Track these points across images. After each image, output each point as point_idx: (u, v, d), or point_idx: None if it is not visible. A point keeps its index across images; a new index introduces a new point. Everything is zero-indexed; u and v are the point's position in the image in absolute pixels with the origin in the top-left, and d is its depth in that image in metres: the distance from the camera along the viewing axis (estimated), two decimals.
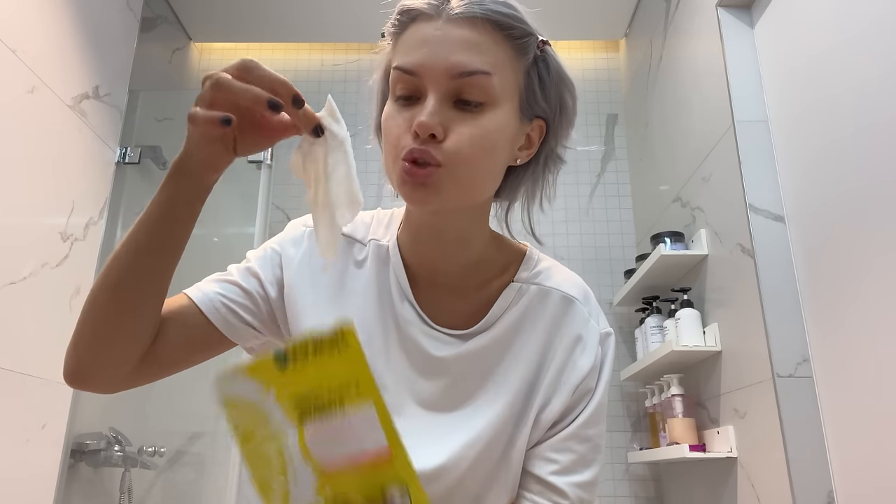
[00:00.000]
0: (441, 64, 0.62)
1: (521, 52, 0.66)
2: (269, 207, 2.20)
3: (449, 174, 0.63)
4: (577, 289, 0.77)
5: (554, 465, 0.70)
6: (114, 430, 1.96)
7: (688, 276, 2.09)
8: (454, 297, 0.74)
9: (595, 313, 0.77)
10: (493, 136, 0.64)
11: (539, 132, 0.71)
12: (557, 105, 0.70)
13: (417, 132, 0.62)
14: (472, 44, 0.63)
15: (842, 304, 1.42)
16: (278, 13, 2.69)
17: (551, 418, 0.71)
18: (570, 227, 2.66)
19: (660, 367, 2.06)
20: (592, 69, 2.90)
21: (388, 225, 0.78)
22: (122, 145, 2.06)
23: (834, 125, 1.45)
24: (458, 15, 0.63)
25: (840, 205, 1.42)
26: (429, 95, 0.63)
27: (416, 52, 0.63)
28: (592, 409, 0.73)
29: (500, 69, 0.64)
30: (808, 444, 1.47)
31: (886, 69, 1.28)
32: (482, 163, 0.64)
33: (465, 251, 0.73)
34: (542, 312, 0.74)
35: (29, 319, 1.60)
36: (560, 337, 0.73)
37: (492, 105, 0.64)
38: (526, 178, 0.74)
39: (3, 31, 1.52)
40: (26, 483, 1.61)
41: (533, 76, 0.67)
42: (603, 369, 0.75)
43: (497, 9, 0.64)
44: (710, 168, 1.92)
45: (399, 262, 0.74)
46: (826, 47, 1.49)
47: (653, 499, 2.32)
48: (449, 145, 0.62)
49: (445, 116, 0.63)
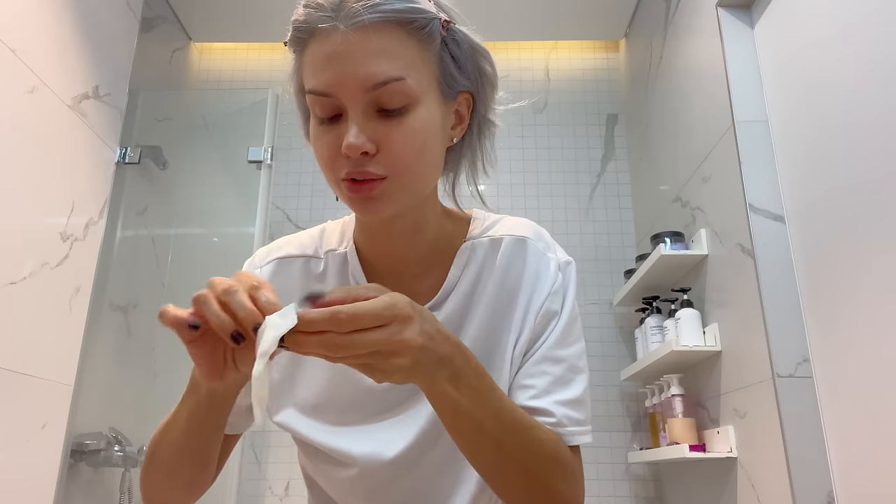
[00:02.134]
0: (353, 80, 0.60)
1: (428, 41, 0.64)
2: (269, 207, 2.20)
3: (393, 183, 0.63)
4: (526, 228, 0.78)
5: (531, 391, 0.70)
6: (114, 430, 1.96)
7: (688, 276, 2.09)
8: (418, 279, 0.75)
9: (550, 246, 0.78)
10: (423, 133, 0.64)
11: (467, 105, 0.71)
12: (477, 76, 0.70)
13: (349, 154, 0.61)
14: (378, 51, 0.61)
15: (842, 304, 1.42)
16: (278, 13, 2.68)
17: (522, 349, 0.72)
18: (570, 227, 2.66)
19: (660, 367, 2.06)
20: (592, 69, 2.90)
21: (343, 232, 0.79)
22: (122, 145, 2.06)
23: (834, 125, 1.45)
24: (357, 24, 0.60)
25: (840, 205, 1.42)
26: (349, 113, 0.61)
27: (325, 73, 0.61)
28: (560, 329, 0.73)
29: (412, 68, 0.62)
30: (808, 444, 1.47)
31: (887, 69, 1.28)
32: (421, 162, 0.65)
33: (421, 235, 0.74)
34: (496, 260, 0.75)
35: (29, 319, 1.60)
36: (521, 276, 0.74)
37: (413, 104, 0.63)
38: (465, 150, 0.75)
39: (3, 31, 1.52)
40: (26, 483, 1.61)
41: (446, 58, 0.66)
42: (567, 293, 0.75)
43: (393, 6, 0.61)
44: (710, 168, 1.92)
45: (357, 265, 0.75)
46: (826, 47, 1.49)
47: (653, 499, 2.32)
48: (384, 157, 0.62)
49: (371, 129, 0.62)
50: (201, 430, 0.66)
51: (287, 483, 2.36)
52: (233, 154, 2.29)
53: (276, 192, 2.64)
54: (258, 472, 2.37)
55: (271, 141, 2.22)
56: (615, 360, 2.48)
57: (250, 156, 2.19)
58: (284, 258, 0.78)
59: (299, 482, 2.35)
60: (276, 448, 2.40)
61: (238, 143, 2.27)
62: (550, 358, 0.72)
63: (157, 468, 0.69)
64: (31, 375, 1.61)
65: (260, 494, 2.35)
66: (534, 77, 2.87)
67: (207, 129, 2.46)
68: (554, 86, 2.85)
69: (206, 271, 2.36)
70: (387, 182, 0.63)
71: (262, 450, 2.40)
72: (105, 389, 2.02)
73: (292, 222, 2.65)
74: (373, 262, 0.76)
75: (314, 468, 0.79)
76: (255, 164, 2.18)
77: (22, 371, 1.58)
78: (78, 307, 1.81)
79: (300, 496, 2.34)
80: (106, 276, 2.05)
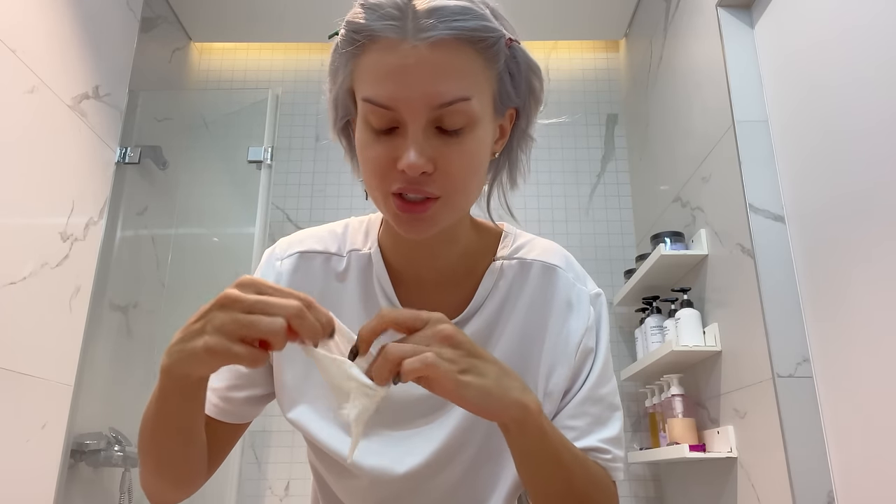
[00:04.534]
0: (419, 97, 0.58)
1: (493, 60, 0.63)
2: (269, 207, 2.20)
3: (446, 204, 0.63)
4: (557, 256, 0.77)
5: (573, 432, 0.70)
6: (114, 430, 1.96)
7: (688, 276, 2.09)
8: (442, 290, 0.74)
9: (581, 277, 0.77)
10: (478, 154, 0.63)
11: (510, 119, 0.70)
12: (528, 93, 0.69)
13: (407, 171, 0.59)
14: (446, 69, 0.58)
15: (842, 304, 1.42)
16: (278, 13, 2.69)
17: (561, 387, 0.72)
18: (570, 227, 2.66)
19: (660, 367, 2.06)
20: (592, 69, 2.90)
21: (367, 232, 0.78)
22: (122, 145, 2.06)
23: (834, 125, 1.45)
24: (429, 38, 0.58)
25: (840, 205, 1.42)
26: (409, 130, 0.59)
27: (389, 84, 0.59)
28: (599, 368, 0.73)
29: (476, 88, 0.61)
30: (808, 444, 1.47)
31: (887, 69, 1.28)
32: (473, 183, 0.65)
33: (450, 247, 0.73)
34: (525, 285, 0.75)
35: (29, 319, 1.60)
36: (549, 306, 0.74)
37: (473, 124, 0.61)
38: (502, 163, 0.74)
39: (3, 31, 1.52)
40: (26, 483, 1.60)
41: (505, 77, 0.65)
42: (600, 328, 0.75)
43: (465, 24, 0.59)
44: (710, 168, 1.92)
45: (382, 269, 0.74)
46: (826, 47, 1.49)
47: (653, 499, 2.32)
48: (440, 177, 0.61)
49: (431, 149, 0.60)
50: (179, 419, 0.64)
51: (287, 483, 2.36)
52: (233, 154, 2.29)
53: (276, 192, 2.64)
54: (258, 472, 2.37)
55: (271, 141, 2.22)
56: (615, 360, 2.44)
57: (250, 156, 2.19)
58: (306, 252, 0.76)
59: (299, 482, 2.36)
60: (276, 448, 2.40)
61: (238, 143, 2.26)
62: (591, 398, 0.72)
63: (144, 461, 0.68)
64: (31, 375, 1.61)
65: (260, 494, 2.35)
66: None
67: (207, 129, 2.46)
68: (554, 86, 2.85)
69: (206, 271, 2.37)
70: (439, 202, 0.62)
71: (262, 450, 2.40)
72: (105, 389, 2.02)
73: (292, 222, 2.65)
74: (397, 268, 0.74)
75: (324, 470, 0.78)
76: (255, 164, 2.18)
77: (22, 371, 1.58)
78: (78, 307, 1.81)
79: (300, 496, 2.34)
80: (106, 276, 2.05)
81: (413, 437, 0.72)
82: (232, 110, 2.43)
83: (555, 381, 0.71)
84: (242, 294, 0.52)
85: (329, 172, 2.72)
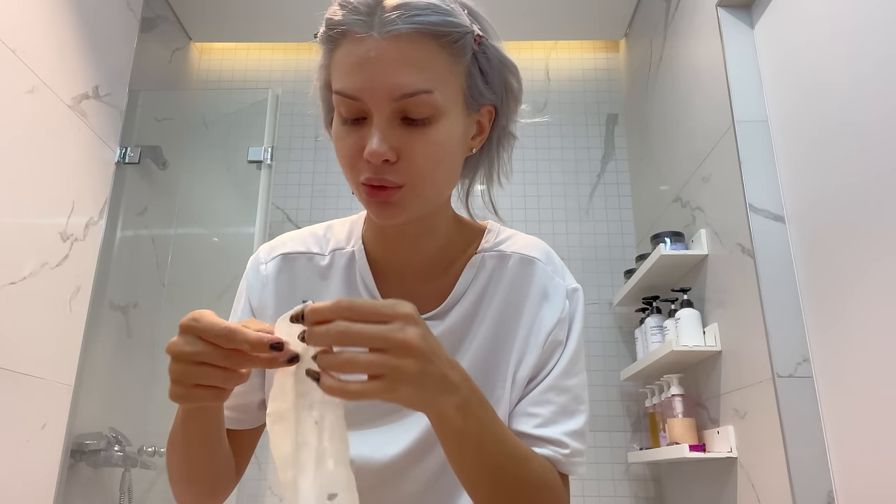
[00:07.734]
0: (381, 88, 0.61)
1: (459, 55, 0.64)
2: (269, 207, 2.20)
3: (411, 191, 0.64)
4: (536, 249, 0.78)
5: (536, 419, 0.70)
6: (114, 430, 1.96)
7: (688, 276, 2.09)
8: (423, 282, 0.75)
9: (559, 270, 0.78)
10: (444, 145, 0.64)
11: (489, 116, 0.71)
12: (503, 90, 0.70)
13: (370, 160, 0.61)
14: (409, 62, 0.61)
15: (842, 304, 1.42)
16: (278, 13, 2.69)
17: (526, 375, 0.72)
18: (570, 227, 2.66)
19: (660, 367, 2.06)
20: (592, 69, 2.90)
21: (351, 231, 0.79)
22: (122, 145, 2.06)
23: (834, 125, 1.45)
24: (390, 32, 0.60)
25: (840, 205, 1.42)
26: (374, 120, 0.62)
27: (354, 76, 0.62)
28: (567, 360, 0.73)
29: (440, 81, 0.62)
30: (808, 444, 1.47)
31: (887, 69, 1.28)
32: (438, 173, 0.65)
33: (431, 240, 0.75)
34: (503, 276, 0.76)
35: (29, 319, 1.60)
36: (526, 297, 0.75)
37: (438, 116, 0.63)
38: (482, 160, 0.75)
39: (3, 31, 1.52)
40: (26, 483, 1.61)
41: (474, 72, 0.66)
42: (573, 322, 0.75)
43: (429, 18, 0.61)
44: (710, 168, 1.92)
45: (364, 263, 0.76)
46: (826, 47, 1.49)
47: (653, 499, 2.32)
48: (404, 166, 0.63)
49: (394, 137, 0.62)
50: (201, 436, 0.67)
51: None
52: (233, 154, 2.29)
53: (276, 192, 2.64)
54: (258, 472, 2.37)
55: (271, 141, 2.22)
56: (615, 360, 2.48)
57: (250, 156, 2.20)
58: (289, 254, 0.78)
59: None
60: None
61: (238, 143, 2.27)
62: (556, 388, 0.72)
63: (176, 476, 0.71)
64: (31, 375, 1.61)
65: (260, 494, 2.35)
66: (534, 77, 2.86)
67: (207, 129, 2.46)
68: (554, 86, 2.85)
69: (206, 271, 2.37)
70: (404, 190, 0.64)
71: (262, 450, 2.40)
72: (105, 389, 2.02)
73: (292, 222, 2.65)
74: (380, 263, 0.76)
75: None
76: (255, 164, 2.18)
77: (22, 371, 1.58)
78: (78, 307, 1.81)
79: None
80: (106, 276, 2.05)
81: (394, 428, 0.73)
82: (232, 110, 2.43)
83: (522, 369, 0.72)
84: (185, 348, 0.53)
85: (329, 172, 2.73)
